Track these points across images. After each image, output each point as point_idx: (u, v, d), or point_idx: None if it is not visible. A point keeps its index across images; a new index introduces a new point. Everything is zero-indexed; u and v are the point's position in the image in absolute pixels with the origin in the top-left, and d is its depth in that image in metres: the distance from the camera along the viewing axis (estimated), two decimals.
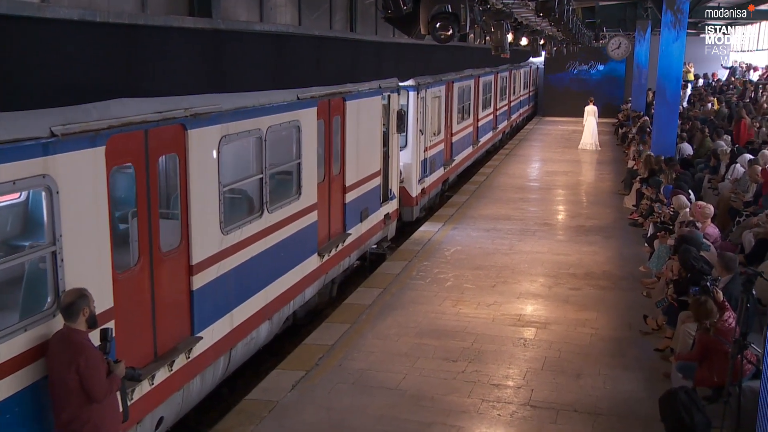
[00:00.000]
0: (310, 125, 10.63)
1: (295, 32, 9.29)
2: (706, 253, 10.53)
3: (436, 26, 7.92)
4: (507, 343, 10.13)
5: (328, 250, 11.61)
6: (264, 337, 9.75)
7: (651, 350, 9.87)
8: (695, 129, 20.81)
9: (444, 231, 16.25)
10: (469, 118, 23.80)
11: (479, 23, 9.97)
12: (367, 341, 10.23)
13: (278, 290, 9.93)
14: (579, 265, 13.70)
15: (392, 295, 12.06)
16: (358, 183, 12.91)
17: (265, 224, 9.42)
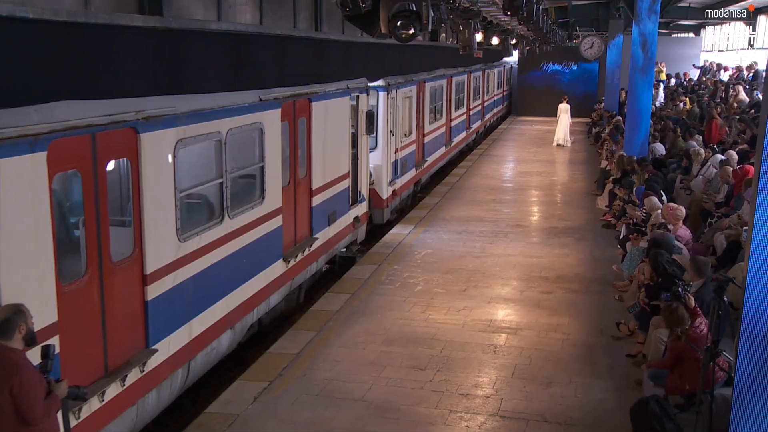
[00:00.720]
0: (273, 127, 10.33)
1: (255, 32, 8.99)
2: (678, 256, 10.37)
3: (397, 25, 7.66)
4: (477, 350, 9.89)
5: (294, 255, 11.31)
6: (226, 346, 9.44)
7: (623, 356, 9.67)
8: (667, 129, 20.74)
9: (415, 234, 16.00)
10: (441, 118, 23.59)
11: (446, 22, 9.73)
12: (333, 350, 9.94)
13: (241, 298, 9.62)
14: (551, 268, 13.50)
15: (360, 301, 11.79)
16: (325, 186, 12.62)
17: (226, 230, 9.12)
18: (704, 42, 41.34)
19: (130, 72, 6.92)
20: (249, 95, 9.54)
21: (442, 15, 9.49)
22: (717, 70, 32.81)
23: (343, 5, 7.34)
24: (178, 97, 7.83)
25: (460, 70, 26.70)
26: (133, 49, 6.88)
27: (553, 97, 38.58)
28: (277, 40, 10.06)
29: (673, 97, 28.54)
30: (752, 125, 17.19)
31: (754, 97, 23.37)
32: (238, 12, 8.85)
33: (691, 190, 14.81)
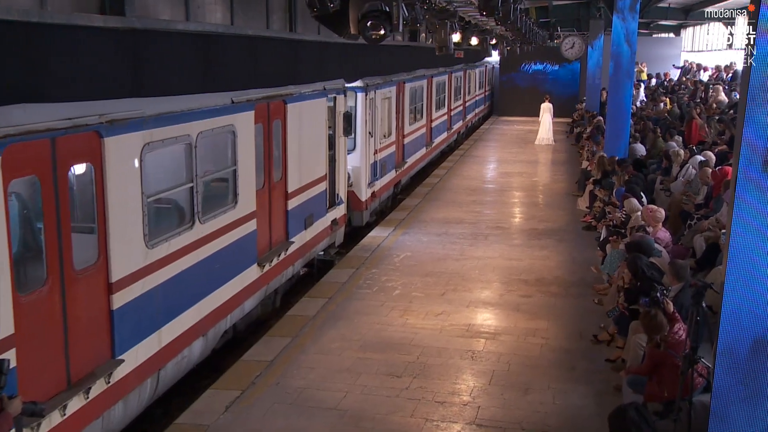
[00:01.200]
0: (246, 130, 10.12)
1: (225, 32, 8.78)
2: (657, 259, 10.26)
3: (367, 25, 7.47)
4: (454, 356, 9.72)
5: (269, 260, 11.10)
6: (198, 354, 9.22)
7: (602, 361, 9.54)
8: (648, 129, 20.69)
9: (394, 236, 15.83)
10: (422, 119, 23.43)
11: (422, 22, 9.56)
12: (308, 356, 9.75)
13: (213, 304, 9.41)
14: (530, 271, 13.37)
15: (337, 306, 11.60)
16: (301, 189, 12.42)
17: (197, 235, 8.90)
18: (684, 42, 41.47)
19: (92, 74, 6.69)
20: (220, 97, 9.32)
21: (417, 15, 9.32)
22: (697, 70, 32.88)
23: (311, 5, 7.15)
24: (145, 100, 7.61)
25: (441, 71, 26.54)
26: (95, 51, 6.66)
27: (535, 97, 38.53)
28: (249, 41, 9.86)
29: (654, 97, 28.54)
30: (731, 126, 17.15)
31: (733, 97, 23.39)
32: (208, 12, 8.64)
33: (670, 191, 14.72)
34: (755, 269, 5.88)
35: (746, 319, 6.11)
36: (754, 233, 5.84)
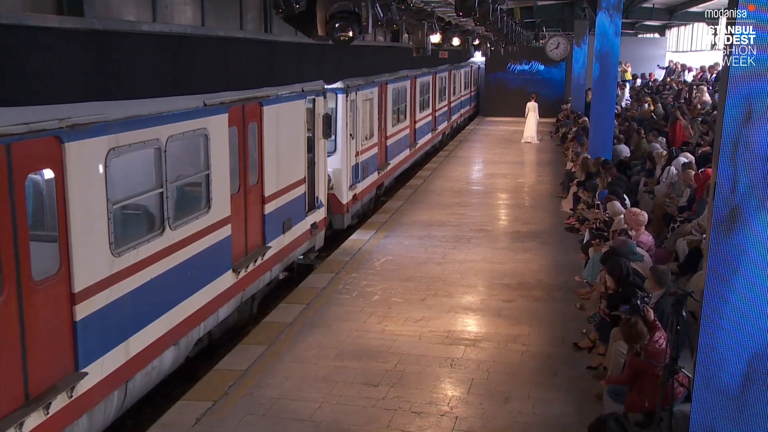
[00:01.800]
0: (220, 133, 9.88)
1: (194, 33, 8.54)
2: (639, 264, 10.10)
3: (335, 27, 7.25)
4: (433, 363, 9.52)
5: (245, 266, 10.86)
6: (169, 364, 8.98)
7: (583, 368, 9.35)
8: (632, 130, 20.56)
9: (375, 239, 15.61)
10: (405, 120, 23.23)
11: (398, 23, 9.35)
12: (283, 365, 9.52)
13: (185, 312, 9.17)
14: (513, 275, 13.19)
15: (315, 312, 11.37)
16: (279, 192, 12.19)
17: (168, 242, 8.65)
18: (669, 42, 41.49)
19: (51, 77, 6.45)
20: (191, 100, 9.08)
21: (393, 15, 9.12)
22: (682, 70, 32.84)
23: (276, 6, 6.93)
24: (111, 103, 7.37)
25: (425, 71, 26.36)
26: (53, 52, 6.41)
27: (521, 98, 38.40)
28: (221, 42, 9.62)
29: (638, 98, 28.45)
30: (714, 127, 17.04)
31: (716, 98, 23.30)
32: (177, 12, 8.39)
33: (654, 193, 14.58)
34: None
35: (726, 327, 5.94)
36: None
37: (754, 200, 5.44)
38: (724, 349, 5.92)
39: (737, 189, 5.43)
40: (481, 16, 10.61)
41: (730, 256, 5.58)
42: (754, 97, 5.23)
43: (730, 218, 5.43)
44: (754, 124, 5.24)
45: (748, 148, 5.27)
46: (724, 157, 5.41)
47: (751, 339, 5.81)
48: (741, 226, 5.57)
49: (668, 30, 42.03)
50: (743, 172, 5.40)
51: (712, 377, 6.05)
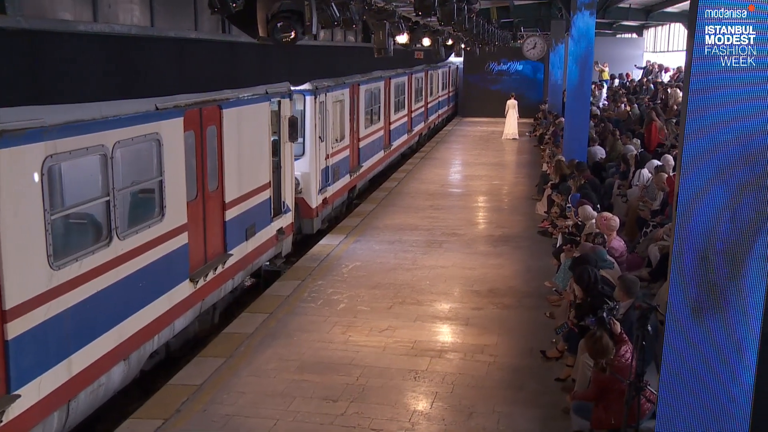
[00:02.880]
0: (174, 138, 9.48)
1: (140, 34, 8.14)
2: (609, 272, 9.80)
3: (277, 27, 6.87)
4: (396, 376, 9.16)
5: (204, 275, 10.47)
6: (119, 380, 8.57)
7: (552, 380, 9.04)
8: (607, 131, 20.33)
9: (345, 244, 15.25)
10: (379, 121, 22.87)
11: (356, 22, 9.00)
12: (240, 379, 9.13)
13: (136, 326, 8.77)
14: (483, 281, 12.87)
15: (278, 322, 10.99)
16: (241, 198, 11.79)
17: (115, 253, 8.24)
18: (646, 42, 41.44)
19: None
20: (142, 103, 8.68)
21: (353, 15, 8.76)
22: (659, 71, 32.71)
23: (211, 5, 6.55)
24: (48, 108, 6.96)
25: (400, 72, 26.02)
26: None
27: (499, 98, 38.23)
28: (175, 43, 9.22)
29: (615, 98, 28.27)
30: None
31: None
32: (121, 12, 7.99)
33: (627, 197, 14.31)
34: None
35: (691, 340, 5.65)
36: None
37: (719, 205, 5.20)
38: (689, 363, 5.64)
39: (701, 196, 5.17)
40: (444, 15, 10.27)
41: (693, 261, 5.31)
42: (716, 101, 4.96)
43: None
44: (717, 129, 4.97)
45: (712, 153, 5.00)
46: (686, 161, 5.14)
47: (716, 353, 5.54)
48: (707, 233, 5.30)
49: (646, 30, 41.98)
50: (707, 178, 5.14)
51: (676, 393, 5.77)
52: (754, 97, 5.16)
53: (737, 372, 5.56)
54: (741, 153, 5.10)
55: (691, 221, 5.19)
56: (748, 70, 5.26)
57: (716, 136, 5.10)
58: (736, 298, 5.30)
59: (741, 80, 5.22)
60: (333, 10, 7.81)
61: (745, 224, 5.16)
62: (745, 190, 5.10)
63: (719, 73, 5.28)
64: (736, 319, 5.34)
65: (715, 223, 5.17)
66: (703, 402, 5.61)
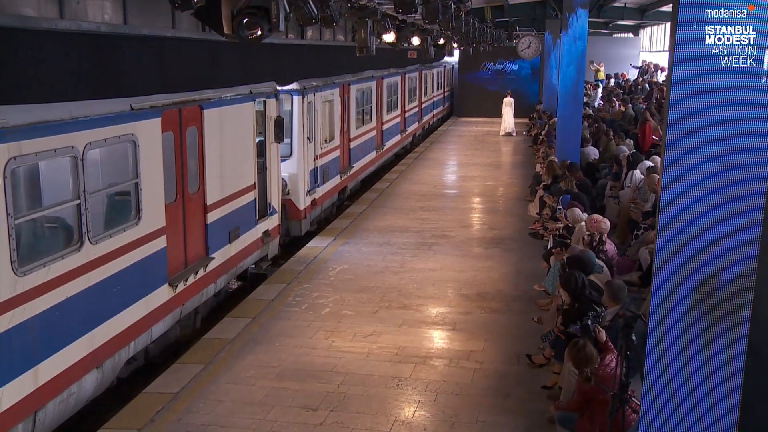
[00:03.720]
0: (151, 139, 9.24)
1: (109, 32, 7.89)
2: (599, 276, 9.57)
3: (243, 23, 6.61)
4: (378, 384, 8.92)
5: (184, 279, 10.22)
6: (91, 388, 8.32)
7: (538, 388, 8.80)
8: (600, 132, 20.08)
9: (333, 246, 15.00)
10: (371, 121, 22.63)
11: (337, 20, 8.75)
12: (218, 387, 8.88)
13: (110, 332, 8.52)
14: (472, 284, 12.62)
15: (261, 327, 10.74)
16: (224, 200, 11.55)
17: (87, 257, 7.99)
18: (642, 42, 41.21)
19: None
20: (115, 104, 8.43)
21: (333, 13, 8.51)
22: (654, 70, 32.48)
23: (172, 1, 6.29)
24: (11, 108, 6.71)
25: (393, 71, 25.77)
26: None
27: (495, 98, 38.01)
28: (152, 42, 8.97)
29: (610, 98, 28.03)
30: None
31: None
32: (92, 9, 7.74)
33: (619, 198, 14.07)
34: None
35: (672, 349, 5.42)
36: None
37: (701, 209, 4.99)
38: (672, 373, 5.41)
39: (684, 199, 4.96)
40: (428, 13, 10.01)
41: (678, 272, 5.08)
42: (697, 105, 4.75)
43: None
44: (698, 132, 4.75)
45: (694, 157, 4.77)
46: (669, 166, 4.91)
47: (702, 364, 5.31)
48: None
49: (642, 29, 41.74)
50: (690, 182, 4.93)
51: (659, 406, 5.54)
52: (738, 98, 4.96)
53: (723, 383, 5.33)
54: (724, 158, 4.89)
55: (674, 228, 4.97)
56: (736, 71, 5.08)
57: (698, 142, 4.91)
58: (722, 308, 5.07)
59: (730, 80, 5.03)
60: (310, 7, 7.57)
61: (728, 227, 4.94)
62: (728, 190, 4.91)
63: (709, 73, 5.09)
64: (722, 330, 5.11)
65: (697, 228, 4.94)
66: (687, 415, 5.38)
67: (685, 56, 4.97)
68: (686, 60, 4.98)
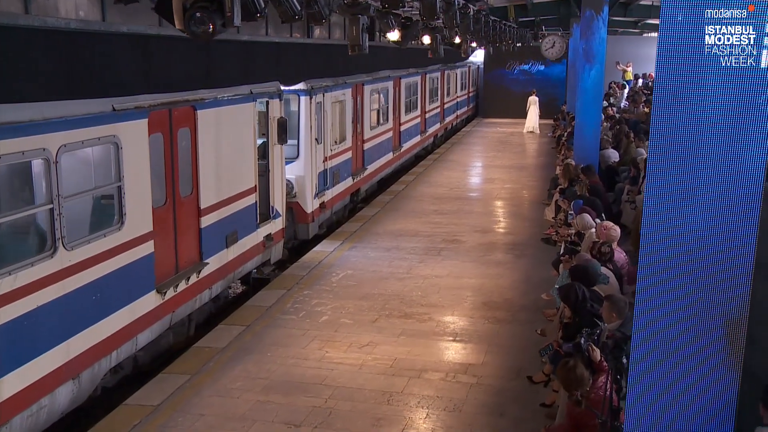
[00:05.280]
0: (136, 141, 8.90)
1: (80, 28, 7.56)
2: (605, 287, 9.04)
3: (195, 18, 6.20)
4: (368, 399, 8.49)
5: (174, 285, 9.89)
6: (67, 400, 7.99)
7: (536, 405, 8.31)
8: (622, 133, 19.43)
9: (340, 251, 14.60)
10: (387, 122, 22.17)
11: (326, 17, 8.34)
12: (202, 399, 8.52)
13: (88, 342, 8.20)
14: (479, 292, 12.15)
15: (254, 335, 10.38)
16: (220, 204, 11.21)
17: (61, 264, 7.67)
18: None
19: None
20: (95, 104, 8.10)
21: (321, 9, 8.10)
22: None
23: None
24: None
25: (412, 72, 25.32)
26: None
27: (521, 99, 37.42)
28: (138, 40, 8.65)
29: (635, 99, 27.29)
30: None
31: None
32: (63, 4, 7.42)
33: (635, 203, 13.48)
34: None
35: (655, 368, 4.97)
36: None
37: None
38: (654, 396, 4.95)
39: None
40: (425, 10, 9.51)
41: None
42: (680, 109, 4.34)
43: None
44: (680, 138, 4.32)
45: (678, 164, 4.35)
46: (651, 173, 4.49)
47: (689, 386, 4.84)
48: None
49: None
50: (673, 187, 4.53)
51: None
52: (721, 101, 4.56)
53: (717, 409, 4.85)
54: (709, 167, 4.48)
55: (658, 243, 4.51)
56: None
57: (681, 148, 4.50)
58: (709, 328, 4.61)
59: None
60: (292, 3, 7.16)
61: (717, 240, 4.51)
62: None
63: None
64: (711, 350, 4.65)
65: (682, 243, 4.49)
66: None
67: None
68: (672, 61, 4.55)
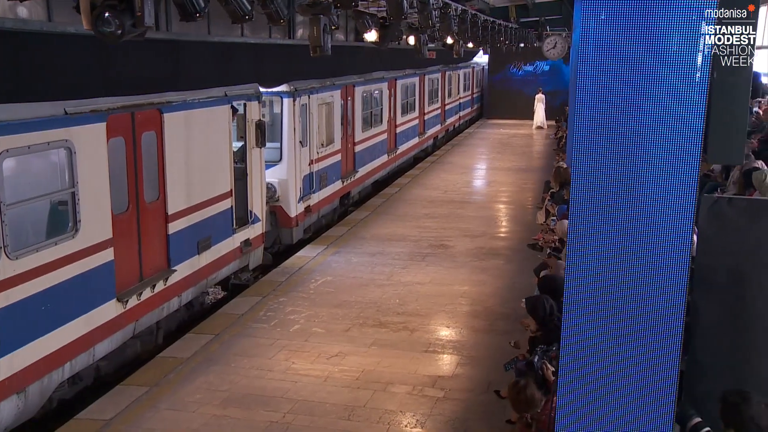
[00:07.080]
0: (93, 145, 8.63)
1: (16, 28, 7.28)
2: None
3: (102, 19, 5.90)
4: (329, 414, 8.17)
5: (137, 293, 9.61)
6: (12, 414, 7.71)
7: (502, 422, 7.94)
8: None
9: (323, 256, 14.29)
10: (381, 124, 21.85)
11: (285, 18, 8.04)
12: (157, 413, 8.23)
13: (37, 354, 7.92)
14: (460, 299, 11.81)
15: (221, 345, 10.08)
16: (191, 209, 10.92)
17: (5, 274, 7.40)
18: None
19: None
20: (43, 107, 7.84)
21: (279, 9, 7.78)
22: None
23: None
24: None
25: (409, 72, 24.97)
26: None
27: (525, 99, 37.10)
28: (94, 41, 8.35)
29: None
30: None
31: None
32: (6, 4, 7.14)
33: None
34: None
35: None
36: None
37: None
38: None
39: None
40: (391, 8, 9.16)
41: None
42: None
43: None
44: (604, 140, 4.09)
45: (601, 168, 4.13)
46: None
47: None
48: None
49: None
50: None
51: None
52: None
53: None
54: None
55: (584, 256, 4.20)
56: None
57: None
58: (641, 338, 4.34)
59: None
60: (241, 2, 6.86)
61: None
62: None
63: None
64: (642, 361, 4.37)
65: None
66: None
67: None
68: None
